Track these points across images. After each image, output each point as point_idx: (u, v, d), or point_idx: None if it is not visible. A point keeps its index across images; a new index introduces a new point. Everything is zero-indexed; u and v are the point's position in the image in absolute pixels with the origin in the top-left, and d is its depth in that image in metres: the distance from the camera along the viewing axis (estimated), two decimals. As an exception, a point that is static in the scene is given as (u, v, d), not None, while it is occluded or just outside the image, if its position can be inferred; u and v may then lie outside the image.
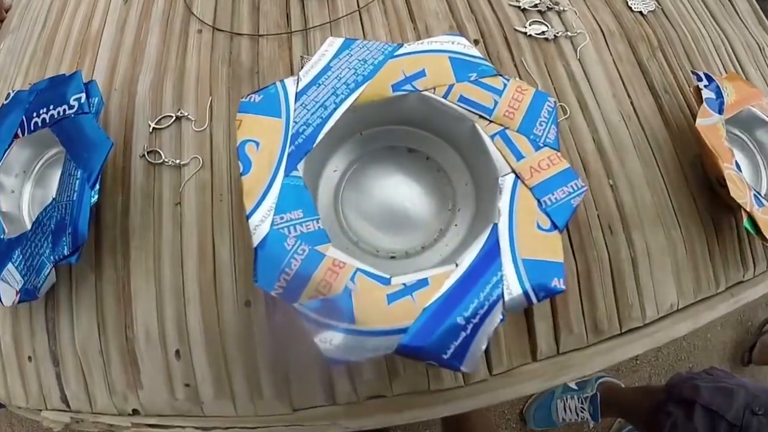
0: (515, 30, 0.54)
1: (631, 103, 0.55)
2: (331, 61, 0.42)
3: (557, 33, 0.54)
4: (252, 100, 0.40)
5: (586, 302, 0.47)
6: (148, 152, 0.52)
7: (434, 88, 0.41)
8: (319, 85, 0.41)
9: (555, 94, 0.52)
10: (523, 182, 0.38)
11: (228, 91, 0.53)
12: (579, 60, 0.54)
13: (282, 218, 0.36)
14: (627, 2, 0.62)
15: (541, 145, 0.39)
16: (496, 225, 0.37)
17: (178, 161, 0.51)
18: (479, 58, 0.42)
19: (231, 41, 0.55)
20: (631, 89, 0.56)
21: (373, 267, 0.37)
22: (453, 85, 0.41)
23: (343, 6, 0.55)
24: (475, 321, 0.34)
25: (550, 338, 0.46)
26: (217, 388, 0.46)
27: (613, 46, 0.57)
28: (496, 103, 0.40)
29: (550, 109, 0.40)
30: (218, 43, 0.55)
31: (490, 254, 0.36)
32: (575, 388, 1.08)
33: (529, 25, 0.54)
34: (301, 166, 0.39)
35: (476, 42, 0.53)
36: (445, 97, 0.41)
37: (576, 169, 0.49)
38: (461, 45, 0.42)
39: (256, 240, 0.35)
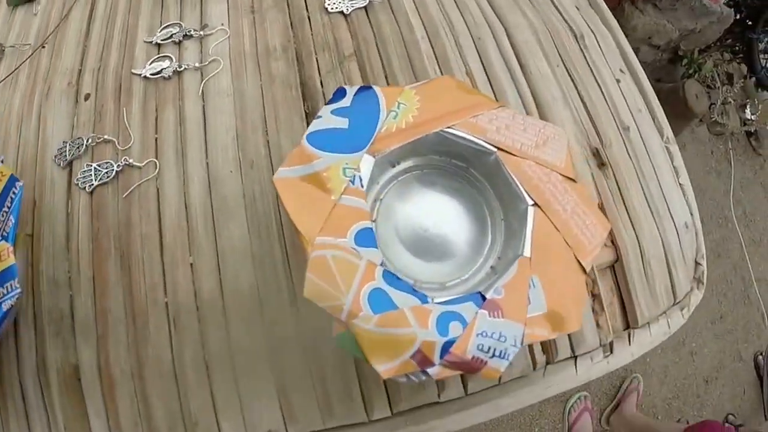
0: (132, 74, 0.35)
1: (267, 142, 0.31)
2: None
3: (180, 67, 0.34)
4: None
5: (141, 405, 0.29)
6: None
7: None
8: None
9: (155, 146, 0.32)
10: None
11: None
12: (201, 95, 0.33)
13: None
14: (324, 3, 0.36)
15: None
16: None
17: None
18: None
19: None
20: (274, 122, 0.32)
21: None
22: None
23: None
24: None
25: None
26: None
27: (266, 67, 0.34)
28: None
29: (15, 195, 0.25)
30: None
31: None
32: None
33: (149, 64, 0.34)
34: None
35: (87, 97, 0.35)
36: None
37: (146, 244, 0.30)
38: None
39: None
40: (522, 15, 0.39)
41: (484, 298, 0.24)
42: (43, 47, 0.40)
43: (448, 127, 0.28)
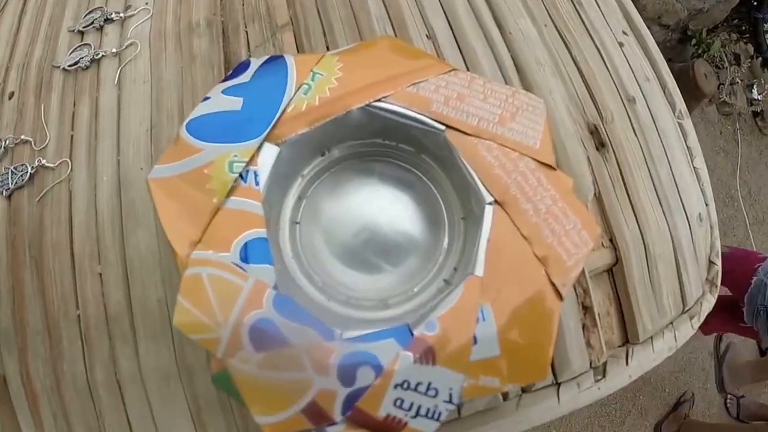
0: (53, 67, 0.27)
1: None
2: None
3: (96, 55, 0.26)
4: None
5: (63, 422, 0.23)
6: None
7: None
8: None
9: (70, 144, 0.25)
10: None
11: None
12: (117, 84, 0.25)
13: None
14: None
15: None
16: None
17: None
18: None
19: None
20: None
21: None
22: None
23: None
24: None
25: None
26: None
27: (188, 46, 0.26)
28: None
29: None
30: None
31: None
32: None
33: (69, 55, 0.27)
34: None
35: (12, 95, 0.29)
36: None
37: (57, 252, 0.24)
38: None
39: None
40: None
41: (411, 334, 0.15)
42: (-17, 47, 0.33)
43: (377, 100, 0.18)
